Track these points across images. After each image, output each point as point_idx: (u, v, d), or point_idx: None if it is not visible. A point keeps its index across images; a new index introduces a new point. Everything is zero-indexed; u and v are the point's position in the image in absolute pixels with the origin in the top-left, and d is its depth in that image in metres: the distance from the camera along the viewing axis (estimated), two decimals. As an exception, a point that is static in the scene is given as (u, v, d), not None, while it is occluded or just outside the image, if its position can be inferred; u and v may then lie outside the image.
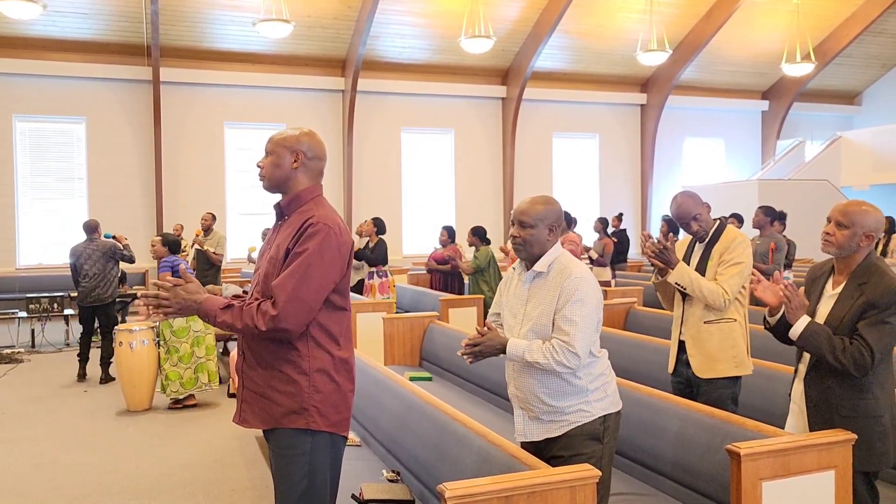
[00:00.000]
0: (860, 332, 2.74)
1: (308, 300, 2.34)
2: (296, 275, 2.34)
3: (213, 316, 2.39)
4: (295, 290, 2.33)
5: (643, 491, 3.27)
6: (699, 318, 3.66)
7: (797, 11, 15.80)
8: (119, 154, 13.99)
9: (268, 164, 2.54)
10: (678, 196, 3.84)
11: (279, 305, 2.31)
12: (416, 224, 16.17)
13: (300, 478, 2.42)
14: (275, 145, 2.54)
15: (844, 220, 2.82)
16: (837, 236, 2.84)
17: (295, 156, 2.51)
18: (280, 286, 2.34)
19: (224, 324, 2.38)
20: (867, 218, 2.81)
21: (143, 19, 13.01)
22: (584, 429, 2.64)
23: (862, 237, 2.81)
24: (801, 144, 19.64)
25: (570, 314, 2.58)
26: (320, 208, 2.48)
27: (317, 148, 2.56)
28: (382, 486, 3.29)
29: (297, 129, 2.58)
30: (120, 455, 5.38)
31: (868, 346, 2.70)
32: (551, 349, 2.57)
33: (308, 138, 2.54)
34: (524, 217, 2.71)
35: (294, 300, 2.32)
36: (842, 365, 2.73)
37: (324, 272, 2.37)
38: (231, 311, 2.38)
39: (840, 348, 2.73)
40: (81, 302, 7.95)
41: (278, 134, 2.57)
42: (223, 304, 2.40)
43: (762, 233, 7.43)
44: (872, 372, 2.75)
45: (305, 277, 2.34)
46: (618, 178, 17.97)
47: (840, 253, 2.86)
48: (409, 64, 15.56)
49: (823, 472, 2.62)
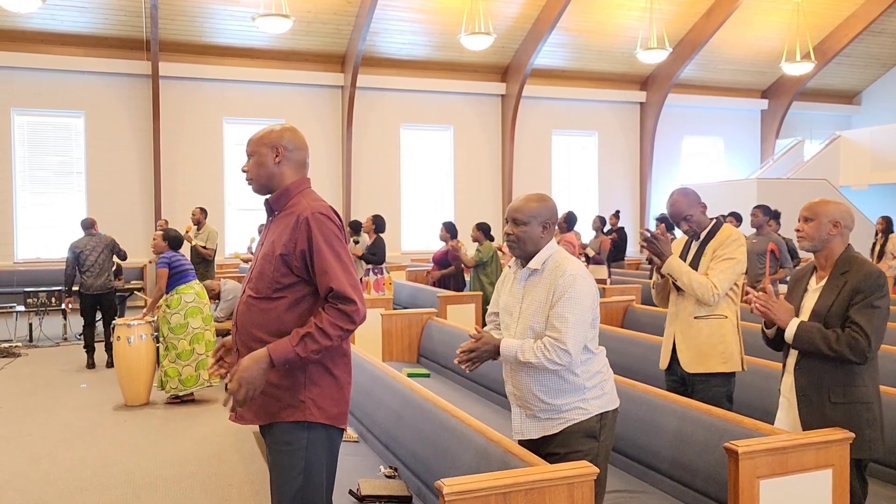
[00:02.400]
0: (852, 317, 2.80)
1: (356, 283, 2.42)
2: (337, 266, 2.38)
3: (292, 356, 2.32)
4: (348, 278, 2.38)
5: (640, 488, 3.27)
6: (690, 314, 3.68)
7: (797, 10, 15.81)
8: (117, 148, 13.97)
9: (252, 165, 2.54)
10: (673, 194, 3.86)
11: (351, 297, 2.34)
12: (415, 221, 16.17)
13: (297, 472, 2.42)
14: (255, 145, 2.54)
15: (809, 214, 3.00)
16: (806, 229, 2.99)
17: (276, 151, 2.51)
18: (338, 282, 2.35)
19: (313, 352, 2.34)
20: (829, 207, 2.97)
21: (142, 13, 12.98)
22: (580, 426, 2.64)
23: (829, 226, 2.94)
24: (800, 143, 19.64)
25: (563, 311, 2.57)
26: (306, 199, 2.50)
27: (297, 140, 2.56)
28: (380, 482, 3.29)
29: (274, 125, 2.59)
30: (117, 450, 5.37)
31: (862, 330, 2.76)
32: (542, 347, 2.56)
33: (287, 132, 2.55)
34: (518, 214, 2.72)
35: (355, 286, 2.39)
36: (839, 354, 2.78)
37: (338, 255, 2.41)
38: (307, 338, 2.33)
39: (834, 339, 2.79)
40: (87, 291, 8.22)
41: (257, 133, 2.57)
42: (294, 338, 2.34)
43: (759, 232, 7.44)
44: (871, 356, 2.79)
45: (341, 262, 2.39)
46: (617, 176, 17.98)
47: (813, 245, 2.98)
48: (409, 60, 15.55)
49: (821, 471, 2.63)
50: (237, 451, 5.31)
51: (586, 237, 11.02)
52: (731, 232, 3.72)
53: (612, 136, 17.89)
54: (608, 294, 7.83)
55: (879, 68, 19.53)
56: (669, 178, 18.20)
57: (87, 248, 8.24)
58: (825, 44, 17.41)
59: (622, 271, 11.34)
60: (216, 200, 14.24)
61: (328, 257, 2.38)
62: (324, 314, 2.36)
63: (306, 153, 2.60)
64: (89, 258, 8.20)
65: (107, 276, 8.33)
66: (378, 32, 14.48)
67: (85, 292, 8.28)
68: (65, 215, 13.85)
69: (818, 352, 2.82)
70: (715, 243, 3.69)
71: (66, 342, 9.92)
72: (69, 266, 8.24)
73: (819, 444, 2.63)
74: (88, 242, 8.29)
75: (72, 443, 5.55)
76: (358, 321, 2.38)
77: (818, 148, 19.42)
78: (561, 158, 17.54)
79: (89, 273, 8.20)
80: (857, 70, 19.34)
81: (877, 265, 2.98)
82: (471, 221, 8.55)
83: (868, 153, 18.47)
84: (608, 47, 16.27)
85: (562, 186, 17.35)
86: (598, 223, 10.41)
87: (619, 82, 17.61)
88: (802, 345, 2.87)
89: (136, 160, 14.08)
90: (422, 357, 6.26)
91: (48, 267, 12.99)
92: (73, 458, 5.18)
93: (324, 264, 2.37)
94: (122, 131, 13.99)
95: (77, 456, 5.24)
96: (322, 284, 2.38)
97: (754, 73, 18.42)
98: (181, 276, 6.59)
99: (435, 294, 8.07)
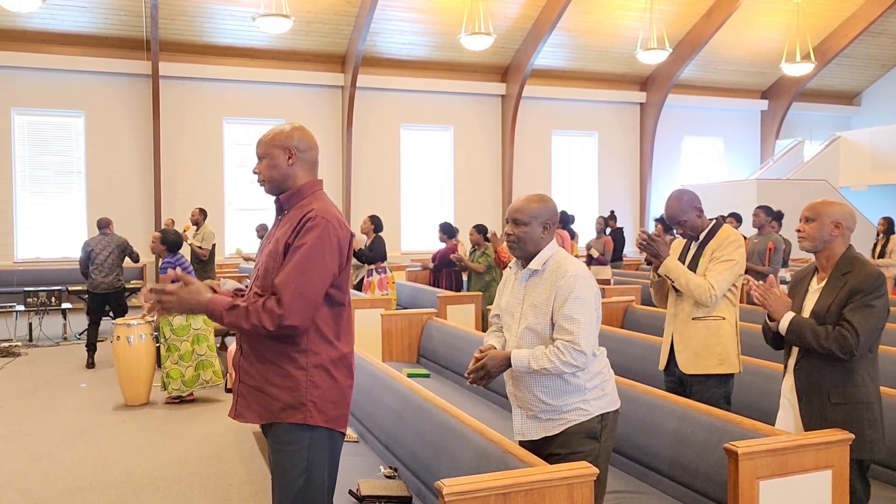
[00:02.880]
0: (845, 315, 2.81)
1: (311, 295, 2.34)
2: (297, 270, 2.33)
3: (218, 316, 2.37)
4: (298, 286, 2.32)
5: (640, 489, 3.27)
6: (688, 315, 3.68)
7: (797, 11, 15.81)
8: (118, 148, 13.97)
9: (264, 167, 2.51)
10: (668, 198, 3.87)
11: (284, 304, 2.30)
12: (414, 221, 16.17)
13: (298, 473, 2.42)
14: (266, 147, 2.51)
15: (810, 214, 2.99)
16: (807, 229, 2.98)
17: (289, 153, 2.49)
18: (283, 284, 2.32)
19: (231, 324, 2.36)
20: (831, 208, 2.97)
21: (142, 13, 12.98)
22: (581, 427, 2.64)
23: (831, 226, 2.94)
24: (799, 144, 19.65)
25: (571, 312, 2.57)
26: (319, 201, 2.47)
27: (308, 139, 2.54)
28: (380, 483, 3.30)
29: (283, 125, 2.56)
30: (117, 450, 5.37)
31: (852, 328, 2.77)
32: (556, 351, 2.55)
33: (297, 132, 2.53)
34: (518, 215, 2.72)
35: (298, 297, 2.31)
36: (826, 350, 2.80)
37: (324, 266, 2.36)
38: (237, 311, 2.34)
39: (823, 335, 2.81)
40: (95, 289, 8.43)
41: (266, 135, 2.54)
42: (229, 305, 2.36)
43: (761, 232, 7.44)
44: (860, 355, 2.80)
45: (307, 272, 2.34)
46: (617, 176, 17.98)
47: (814, 246, 2.97)
48: (409, 60, 15.55)
49: (821, 472, 2.63)
50: (237, 451, 5.31)
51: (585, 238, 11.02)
52: (730, 233, 3.72)
53: (612, 137, 17.89)
54: (608, 295, 7.83)
55: (879, 69, 19.53)
56: (669, 179, 18.21)
57: (98, 246, 8.45)
58: (825, 44, 17.42)
59: (621, 272, 11.35)
60: (216, 200, 14.24)
61: (302, 258, 2.34)
62: (261, 301, 2.34)
63: (317, 152, 2.59)
64: (99, 256, 8.40)
65: (115, 275, 8.48)
66: (378, 32, 14.48)
67: (93, 291, 8.46)
68: (65, 215, 13.87)
69: (808, 347, 2.85)
70: (714, 244, 3.69)
71: (66, 342, 9.92)
72: (82, 264, 8.50)
73: (819, 444, 2.63)
74: (101, 241, 8.50)
75: (72, 443, 5.55)
76: (275, 329, 2.31)
77: (818, 149, 19.42)
78: (561, 159, 17.54)
79: (98, 271, 8.38)
80: (856, 71, 19.35)
81: (878, 266, 2.97)
82: (470, 222, 8.56)
83: (868, 154, 18.47)
84: (608, 48, 16.28)
85: (562, 187, 17.35)
86: (602, 223, 10.41)
87: (619, 83, 17.61)
88: (793, 338, 2.90)
89: (136, 160, 14.08)
90: (422, 357, 6.26)
91: (48, 266, 13.02)
92: (73, 458, 5.18)
93: (292, 261, 2.35)
94: (122, 131, 13.99)
95: (77, 456, 5.23)
96: (277, 276, 2.35)
97: (754, 74, 18.42)
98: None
99: (435, 294, 8.08)
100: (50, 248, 13.73)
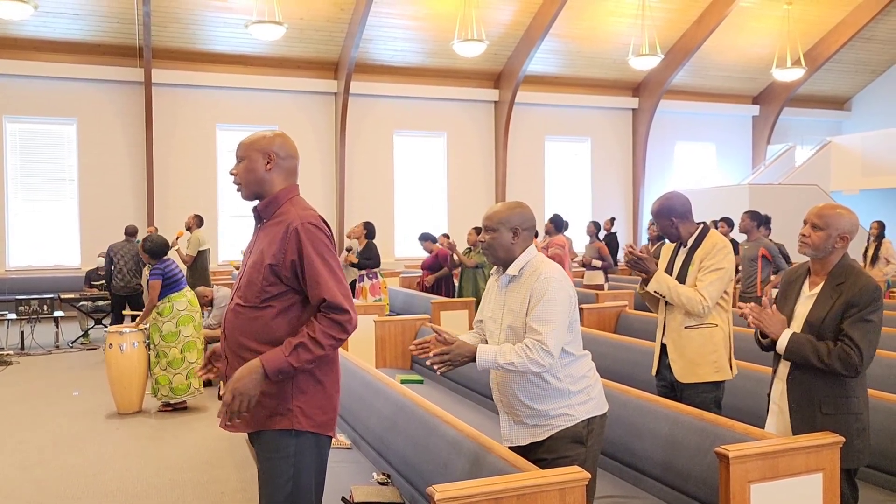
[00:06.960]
0: (845, 331, 2.78)
1: (347, 288, 2.45)
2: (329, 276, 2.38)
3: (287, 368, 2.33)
4: (340, 286, 2.40)
5: (632, 493, 3.28)
6: (680, 324, 3.67)
7: (788, 17, 15.91)
8: (110, 155, 13.94)
9: (241, 169, 2.52)
10: (652, 209, 3.89)
11: (348, 305, 2.37)
12: (408, 227, 16.16)
13: (285, 480, 2.42)
14: (246, 149, 2.51)
15: (820, 223, 2.90)
16: (813, 238, 2.91)
17: (268, 157, 2.50)
18: (329, 291, 2.36)
19: (309, 362, 2.35)
20: (842, 220, 2.89)
21: (134, 20, 12.97)
22: (567, 432, 2.64)
23: (837, 239, 2.89)
24: (791, 149, 19.74)
25: (541, 313, 2.57)
26: (296, 208, 2.48)
27: (288, 147, 2.55)
28: (372, 489, 3.29)
29: (266, 131, 2.57)
30: (109, 457, 5.35)
31: (854, 345, 2.74)
32: (525, 348, 2.54)
33: (279, 139, 2.53)
34: (487, 221, 2.77)
35: (347, 295, 2.41)
36: (830, 368, 2.77)
37: (334, 260, 2.44)
38: (301, 349, 2.33)
39: (825, 352, 2.78)
40: (118, 292, 9.41)
41: (248, 138, 2.54)
42: (288, 351, 2.33)
43: (749, 237, 7.47)
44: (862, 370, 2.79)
45: (332, 272, 2.40)
46: (609, 182, 18.03)
47: (816, 254, 2.93)
48: (402, 67, 15.58)
49: (811, 475, 2.63)
50: (230, 458, 5.30)
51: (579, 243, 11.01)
52: (717, 240, 3.70)
53: (604, 142, 17.95)
54: (601, 300, 7.84)
55: (869, 74, 19.66)
56: (662, 184, 18.26)
57: (119, 252, 9.39)
58: (815, 50, 17.53)
59: (615, 277, 11.36)
60: (209, 207, 14.21)
61: (319, 268, 2.37)
62: (316, 324, 2.35)
63: (297, 161, 2.59)
64: (119, 262, 9.36)
65: (130, 279, 9.38)
66: (371, 39, 14.51)
67: (115, 292, 9.42)
68: (57, 223, 13.81)
69: (809, 364, 2.82)
70: (702, 252, 3.69)
71: (59, 350, 9.87)
72: (105, 268, 9.52)
73: (809, 448, 2.64)
74: (122, 248, 9.41)
75: (64, 450, 5.52)
76: (350, 330, 2.39)
77: (809, 153, 19.52)
78: (554, 164, 17.59)
79: (118, 276, 9.35)
80: (847, 76, 19.47)
81: (871, 276, 2.95)
82: (464, 227, 8.58)
83: (859, 159, 18.58)
84: (600, 54, 16.34)
85: (555, 193, 17.39)
86: (594, 228, 10.41)
87: (612, 88, 17.68)
88: (793, 356, 2.86)
89: (128, 167, 14.05)
90: (415, 363, 6.26)
91: (40, 274, 12.96)
92: (66, 466, 5.15)
93: (315, 275, 2.37)
94: (114, 138, 13.96)
95: (69, 463, 5.21)
96: (314, 295, 2.38)
97: (745, 80, 18.52)
98: (174, 284, 6.58)
99: (428, 300, 8.07)
100: (42, 257, 13.68)
